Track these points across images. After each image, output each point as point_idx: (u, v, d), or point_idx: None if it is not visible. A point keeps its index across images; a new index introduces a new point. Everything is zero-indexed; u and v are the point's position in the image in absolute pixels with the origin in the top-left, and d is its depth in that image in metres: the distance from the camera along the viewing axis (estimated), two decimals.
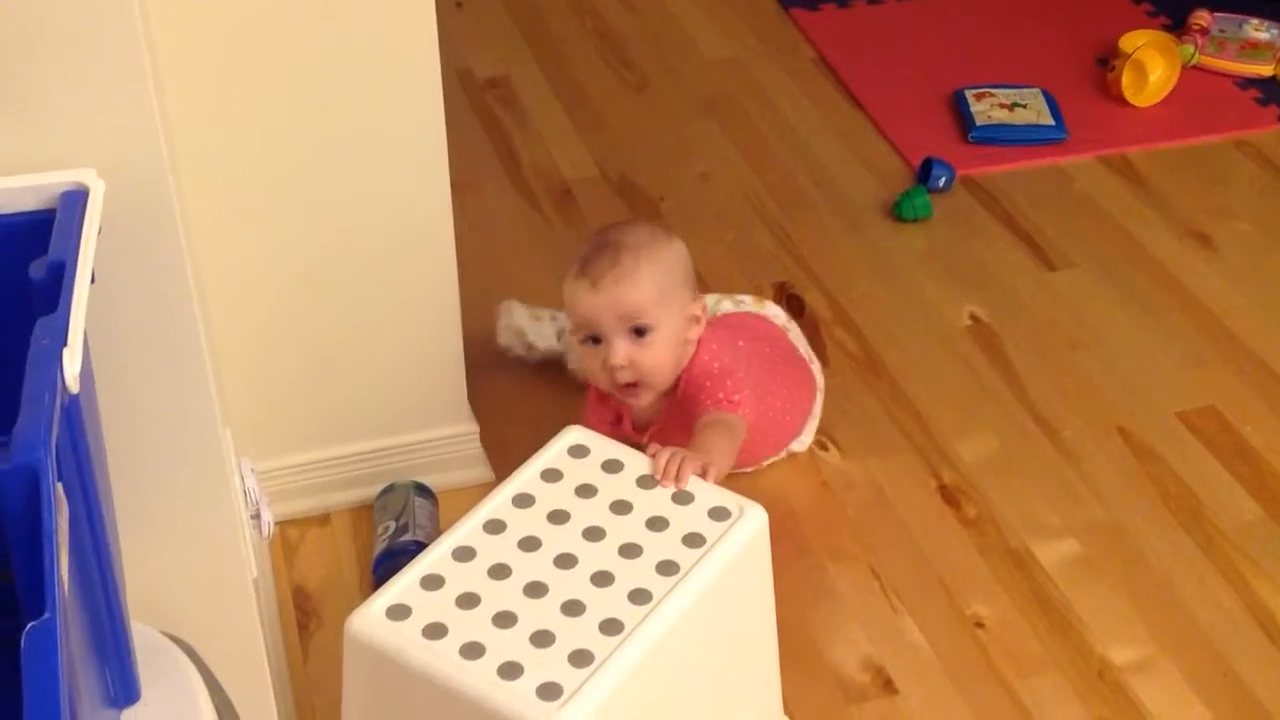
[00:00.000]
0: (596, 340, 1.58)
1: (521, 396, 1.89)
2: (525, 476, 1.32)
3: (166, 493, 1.02)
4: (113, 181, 0.87)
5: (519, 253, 2.17)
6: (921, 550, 1.68)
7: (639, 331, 1.55)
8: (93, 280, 0.84)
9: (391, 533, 1.60)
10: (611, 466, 1.34)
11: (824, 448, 1.82)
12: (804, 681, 1.50)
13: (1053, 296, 2.08)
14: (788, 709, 1.44)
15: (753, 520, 1.30)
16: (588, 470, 1.33)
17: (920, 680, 1.52)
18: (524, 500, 1.30)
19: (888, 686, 1.52)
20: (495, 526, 1.27)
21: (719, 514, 1.30)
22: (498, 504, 1.29)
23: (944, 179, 2.27)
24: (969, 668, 1.54)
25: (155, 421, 0.98)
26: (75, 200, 0.83)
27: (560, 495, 1.30)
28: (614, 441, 1.37)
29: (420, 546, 1.58)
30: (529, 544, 1.25)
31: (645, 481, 1.32)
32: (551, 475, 1.32)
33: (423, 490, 1.66)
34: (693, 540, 1.27)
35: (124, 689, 0.92)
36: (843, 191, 2.30)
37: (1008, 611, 1.60)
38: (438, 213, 1.59)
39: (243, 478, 1.24)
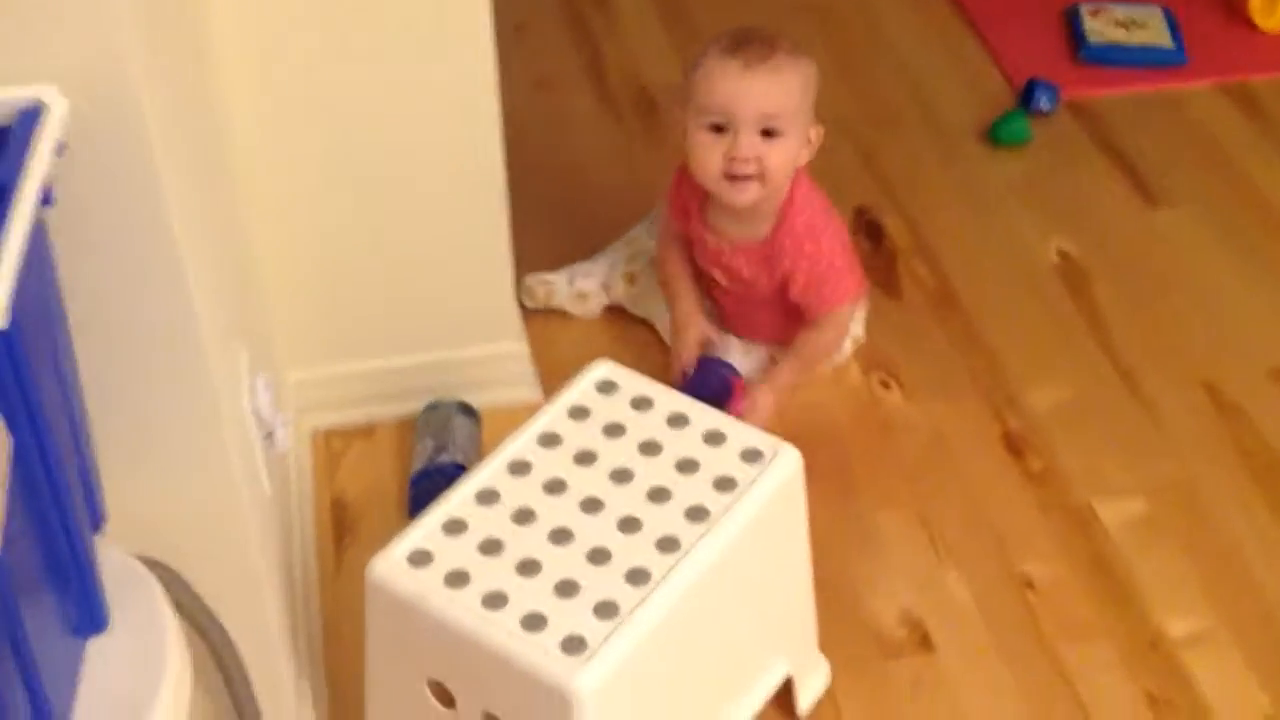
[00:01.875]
0: (720, 130, 1.53)
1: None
2: (552, 414, 1.28)
3: (153, 416, 1.00)
4: (80, 100, 0.83)
5: (591, 160, 2.11)
6: (976, 502, 1.60)
7: (768, 133, 1.52)
8: (50, 202, 0.81)
9: (430, 451, 1.57)
10: (641, 404, 1.29)
11: (886, 386, 1.74)
12: (839, 632, 1.44)
13: (1151, 235, 1.96)
14: None
15: (786, 463, 1.24)
16: (617, 407, 1.29)
17: (959, 639, 1.46)
18: (550, 440, 1.26)
19: (925, 643, 1.46)
20: (520, 468, 1.23)
21: (751, 456, 1.24)
22: (523, 444, 1.25)
23: (1046, 101, 2.14)
24: (1013, 629, 1.47)
25: (135, 344, 0.95)
26: (31, 118, 0.80)
27: (588, 434, 1.26)
28: (644, 377, 1.32)
29: (458, 468, 1.55)
30: (555, 487, 1.21)
31: (677, 420, 1.27)
32: (579, 413, 1.28)
33: (466, 410, 1.63)
34: (724, 484, 1.21)
35: (88, 617, 0.90)
36: (938, 111, 2.18)
37: (1061, 572, 1.52)
38: (484, 116, 1.52)
39: (256, 396, 1.22)
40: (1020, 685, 1.42)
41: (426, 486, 1.54)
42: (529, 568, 1.15)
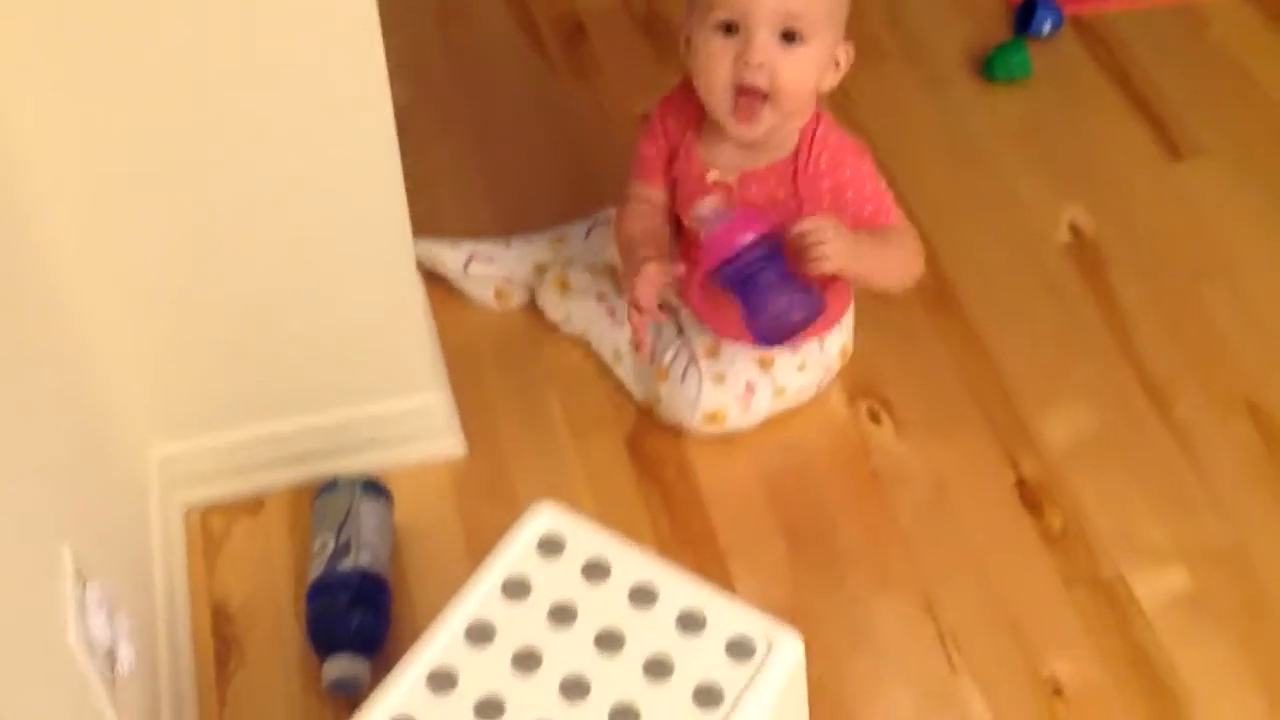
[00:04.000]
0: (730, 30, 1.26)
1: (496, 331, 1.53)
2: (481, 591, 0.99)
3: None
4: None
5: (512, 106, 1.76)
6: (991, 577, 1.35)
7: (789, 37, 1.25)
8: None
9: (330, 553, 1.28)
10: (595, 571, 1.00)
11: (875, 419, 1.46)
12: None
13: (1176, 198, 1.67)
14: None
15: (785, 658, 0.97)
16: (564, 577, 1.00)
17: None
18: (480, 633, 0.97)
19: None
20: (443, 681, 0.95)
21: (740, 649, 0.96)
22: (446, 641, 0.96)
23: (1049, 23, 1.82)
24: None
25: None
26: None
27: (528, 622, 0.97)
28: (596, 527, 1.03)
29: (364, 576, 1.26)
30: (488, 710, 0.93)
31: (642, 595, 0.99)
32: (516, 589, 0.99)
33: (371, 490, 1.33)
34: (706, 697, 0.94)
35: None
36: (925, 38, 1.85)
37: (1093, 673, 1.28)
38: (371, 96, 1.16)
39: (88, 618, 0.92)
40: None
41: (326, 603, 1.26)
42: None
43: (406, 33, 1.83)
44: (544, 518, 1.03)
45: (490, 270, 1.54)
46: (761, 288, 1.24)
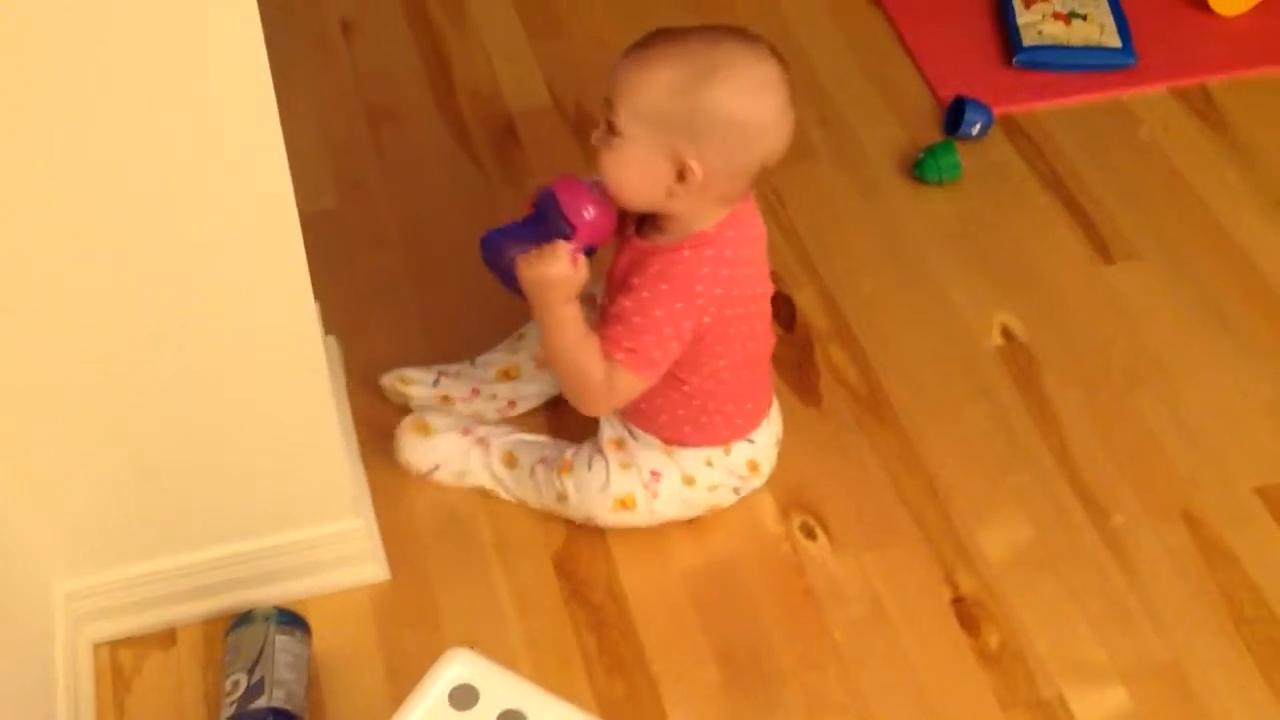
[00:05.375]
0: None
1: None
2: None
3: None
4: None
5: (442, 212, 1.73)
6: (928, 699, 1.31)
7: (611, 128, 1.25)
8: None
9: (243, 692, 1.23)
10: None
11: (809, 534, 1.43)
12: None
13: (1108, 302, 1.66)
14: None
15: None
16: None
17: None
18: None
19: None
20: None
21: None
22: None
23: (979, 125, 1.82)
24: None
25: None
26: None
27: None
28: (513, 675, 0.99)
29: (277, 715, 1.21)
30: None
31: None
32: None
33: (287, 621, 1.28)
34: None
35: None
36: (855, 138, 1.84)
37: None
38: (282, 237, 1.11)
39: None
40: None
41: None
42: None
43: (336, 135, 1.80)
44: (457, 666, 0.99)
45: (458, 386, 1.50)
46: (537, 228, 1.28)
